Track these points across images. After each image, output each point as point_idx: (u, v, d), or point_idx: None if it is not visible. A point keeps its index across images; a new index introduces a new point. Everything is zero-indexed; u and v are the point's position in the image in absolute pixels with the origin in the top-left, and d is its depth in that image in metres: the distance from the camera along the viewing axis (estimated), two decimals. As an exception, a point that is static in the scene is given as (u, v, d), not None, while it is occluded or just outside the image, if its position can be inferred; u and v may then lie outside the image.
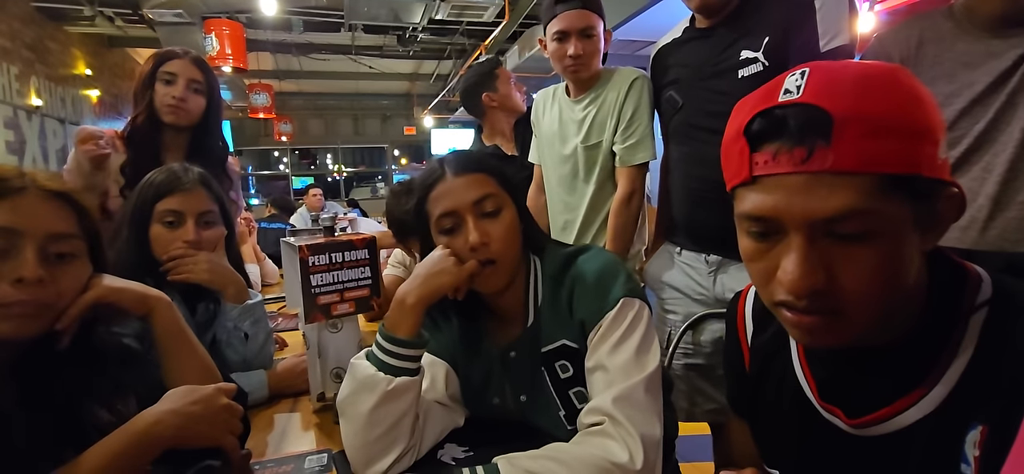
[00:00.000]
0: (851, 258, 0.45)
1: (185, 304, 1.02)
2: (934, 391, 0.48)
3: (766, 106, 0.47)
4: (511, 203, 0.81)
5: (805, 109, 0.44)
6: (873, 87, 0.45)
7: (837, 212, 0.44)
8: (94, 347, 0.71)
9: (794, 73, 0.47)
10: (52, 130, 5.82)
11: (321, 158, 12.22)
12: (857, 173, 0.43)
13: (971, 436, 0.45)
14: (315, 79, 9.00)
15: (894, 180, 0.44)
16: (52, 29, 6.01)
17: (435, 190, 0.80)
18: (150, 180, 1.03)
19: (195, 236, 1.01)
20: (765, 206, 0.47)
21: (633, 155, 1.38)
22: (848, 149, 0.43)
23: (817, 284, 0.46)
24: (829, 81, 0.45)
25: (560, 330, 0.79)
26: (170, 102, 1.40)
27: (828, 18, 1.08)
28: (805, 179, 0.45)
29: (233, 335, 1.04)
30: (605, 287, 0.76)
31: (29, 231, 0.62)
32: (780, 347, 0.62)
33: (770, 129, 0.46)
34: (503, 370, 0.84)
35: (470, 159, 0.83)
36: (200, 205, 1.03)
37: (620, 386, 0.69)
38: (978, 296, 0.49)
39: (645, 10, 3.80)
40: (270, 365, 1.10)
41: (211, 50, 5.24)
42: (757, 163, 0.47)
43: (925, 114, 0.45)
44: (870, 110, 0.43)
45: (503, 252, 0.78)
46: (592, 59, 1.41)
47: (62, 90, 6.12)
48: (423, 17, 5.39)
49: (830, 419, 0.55)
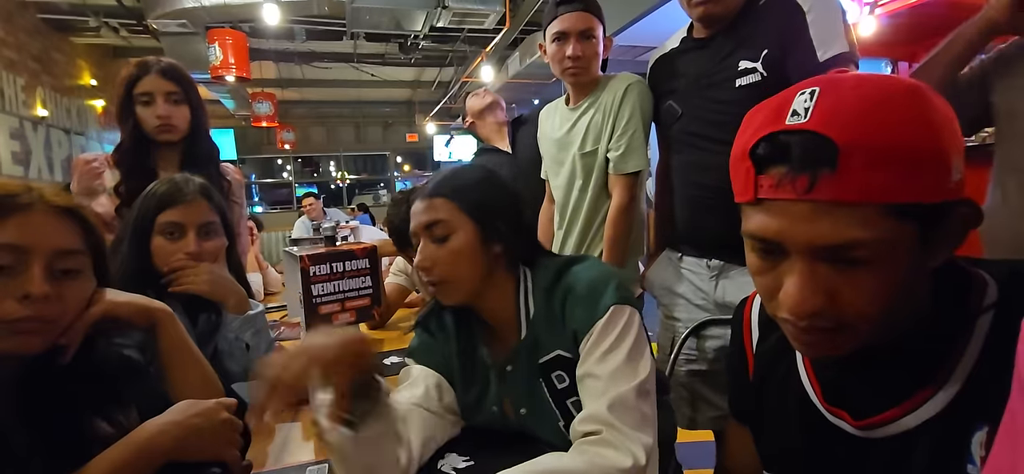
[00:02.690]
0: (852, 282, 0.45)
1: (187, 315, 1.02)
2: (941, 392, 0.48)
3: (773, 129, 0.47)
4: (469, 226, 0.81)
5: (810, 137, 0.44)
6: (883, 112, 0.44)
7: (839, 241, 0.44)
8: (96, 360, 0.71)
9: (804, 92, 0.47)
10: (57, 140, 5.86)
11: (324, 166, 12.26)
12: (861, 204, 0.43)
13: (978, 437, 0.45)
14: (317, 87, 9.06)
15: (900, 208, 0.43)
16: (58, 40, 6.07)
17: (411, 210, 0.85)
18: (152, 191, 1.04)
19: (196, 248, 1.01)
20: (769, 229, 0.47)
21: (625, 163, 1.38)
22: (853, 180, 0.43)
23: (817, 307, 0.46)
24: (837, 106, 0.44)
25: (554, 340, 0.79)
26: (156, 123, 1.38)
27: (820, 29, 1.07)
28: (809, 207, 0.44)
29: (235, 346, 1.05)
30: (596, 296, 0.76)
31: (36, 247, 0.62)
32: (784, 351, 0.62)
33: (775, 155, 0.46)
34: (501, 384, 0.84)
35: (435, 184, 0.84)
36: (201, 216, 1.03)
37: (613, 393, 0.69)
38: (985, 299, 0.49)
39: (646, 15, 3.81)
40: (272, 375, 1.10)
41: (214, 59, 5.29)
42: (762, 186, 0.47)
43: (938, 138, 0.44)
44: (877, 139, 0.43)
45: (446, 275, 0.80)
46: (591, 62, 1.41)
47: (67, 101, 6.17)
48: (424, 25, 5.42)
49: (836, 422, 0.55)
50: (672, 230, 1.37)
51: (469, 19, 5.31)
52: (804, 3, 1.10)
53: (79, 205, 0.69)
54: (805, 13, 1.09)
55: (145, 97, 1.38)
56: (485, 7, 5.08)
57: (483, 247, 0.81)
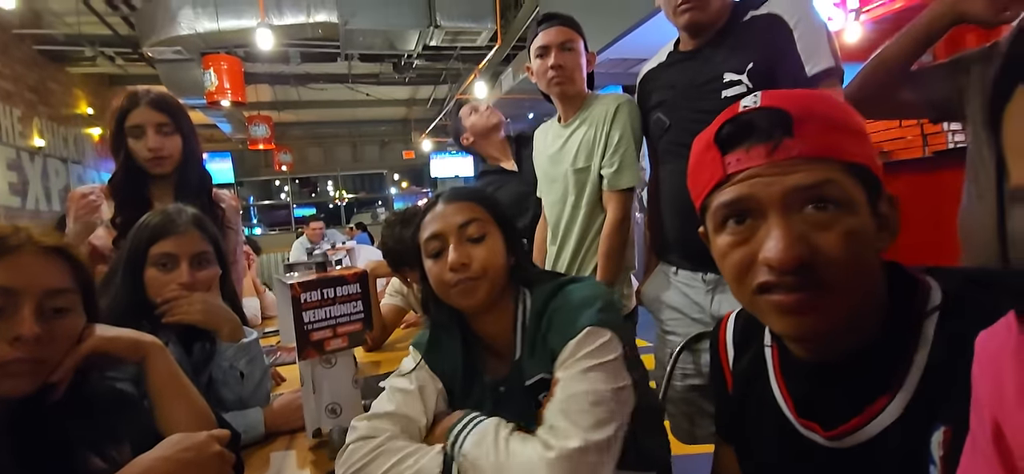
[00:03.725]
0: (826, 226, 0.49)
1: (181, 345, 1.03)
2: (898, 397, 0.50)
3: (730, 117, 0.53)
4: (498, 233, 0.83)
5: (768, 110, 0.51)
6: (819, 97, 0.53)
7: (809, 183, 0.49)
8: (87, 395, 0.72)
9: (746, 98, 0.54)
10: (54, 170, 5.88)
11: (321, 186, 12.30)
12: (820, 158, 0.49)
13: (936, 437, 0.46)
14: (313, 108, 9.11)
15: (850, 167, 0.50)
16: (54, 70, 6.12)
17: (427, 217, 0.85)
18: (145, 223, 1.04)
19: (189, 278, 1.01)
20: (742, 193, 0.51)
21: (619, 180, 1.40)
22: (810, 139, 0.49)
23: (801, 253, 0.48)
24: (781, 94, 0.52)
25: (539, 364, 0.79)
26: (148, 156, 1.38)
27: (807, 44, 1.09)
28: (777, 168, 0.50)
29: (229, 374, 1.05)
30: (575, 317, 0.75)
31: (26, 289, 0.63)
32: (759, 369, 0.63)
33: (739, 132, 0.52)
34: (495, 405, 0.84)
35: (464, 191, 0.86)
36: (194, 247, 1.04)
37: (568, 395, 0.69)
38: (929, 302, 0.51)
39: (635, 28, 3.85)
40: (267, 402, 1.10)
41: (210, 85, 5.33)
42: (729, 163, 0.52)
43: (862, 123, 0.52)
44: (822, 111, 0.51)
45: (484, 271, 0.80)
46: (574, 73, 1.44)
47: (65, 130, 6.20)
48: (418, 44, 5.47)
49: (809, 436, 0.56)
50: (664, 244, 1.38)
51: (461, 37, 5.37)
52: (789, 19, 1.12)
53: (67, 244, 0.69)
54: (791, 29, 1.11)
55: (136, 130, 1.38)
56: (477, 25, 5.14)
57: (507, 255, 0.83)
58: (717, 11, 1.20)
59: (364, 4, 4.88)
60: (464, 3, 5.12)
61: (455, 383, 0.87)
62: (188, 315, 1.00)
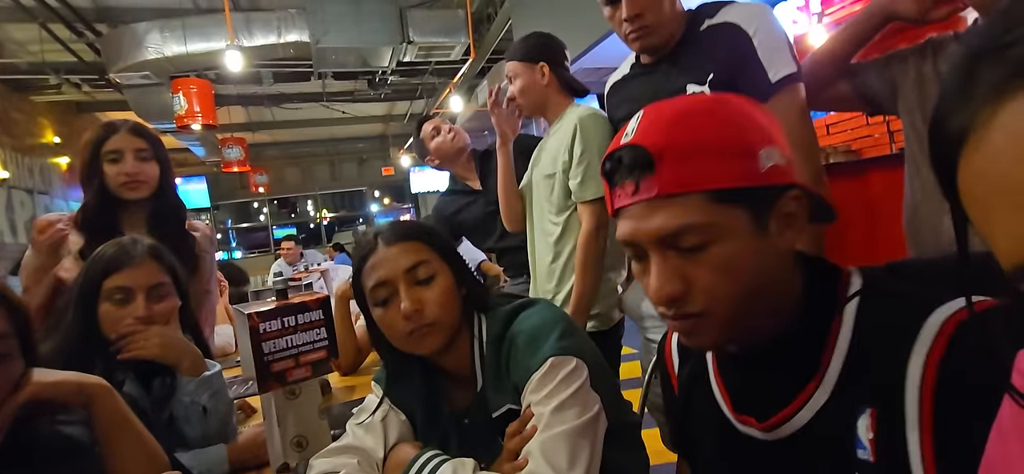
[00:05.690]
0: (699, 265, 0.50)
1: (139, 382, 0.99)
2: (823, 383, 0.50)
3: (613, 149, 0.54)
4: (446, 268, 0.80)
5: (630, 149, 0.51)
6: (686, 119, 0.51)
7: (669, 230, 0.49)
8: (27, 443, 0.68)
9: (636, 115, 0.54)
10: (20, 201, 5.72)
11: (301, 206, 12.15)
12: (681, 194, 0.49)
13: (862, 420, 0.47)
14: (288, 128, 9.03)
15: (720, 194, 0.49)
16: (17, 100, 5.97)
17: (368, 262, 0.79)
18: (99, 254, 1.00)
19: (145, 312, 0.97)
20: (625, 233, 0.53)
21: (584, 191, 1.40)
22: (668, 176, 0.49)
23: (674, 292, 0.50)
24: (653, 120, 0.52)
25: (503, 396, 0.77)
26: (123, 180, 1.36)
27: (768, 51, 1.10)
28: (642, 207, 0.51)
29: (191, 410, 1.00)
30: (535, 347, 0.73)
31: None
32: (701, 371, 0.64)
33: (613, 168, 0.53)
34: (460, 436, 0.82)
35: (403, 228, 0.82)
36: (150, 278, 1.00)
37: (544, 436, 0.68)
38: (850, 289, 0.52)
39: (606, 38, 3.89)
40: (232, 438, 1.06)
41: (180, 109, 5.24)
42: (614, 199, 0.54)
43: (741, 133, 0.50)
44: (680, 140, 0.50)
45: (439, 316, 0.77)
46: (529, 97, 1.48)
47: (29, 160, 6.04)
48: (391, 60, 5.46)
49: (746, 431, 0.57)
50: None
51: (435, 52, 5.37)
52: (748, 28, 1.12)
53: (2, 286, 0.66)
54: (751, 37, 1.12)
55: (114, 155, 1.37)
56: (450, 40, 5.15)
57: (457, 290, 0.80)
58: (669, 32, 1.20)
59: (336, 22, 4.86)
60: (436, 19, 5.13)
61: (416, 413, 0.85)
62: (145, 350, 0.96)
